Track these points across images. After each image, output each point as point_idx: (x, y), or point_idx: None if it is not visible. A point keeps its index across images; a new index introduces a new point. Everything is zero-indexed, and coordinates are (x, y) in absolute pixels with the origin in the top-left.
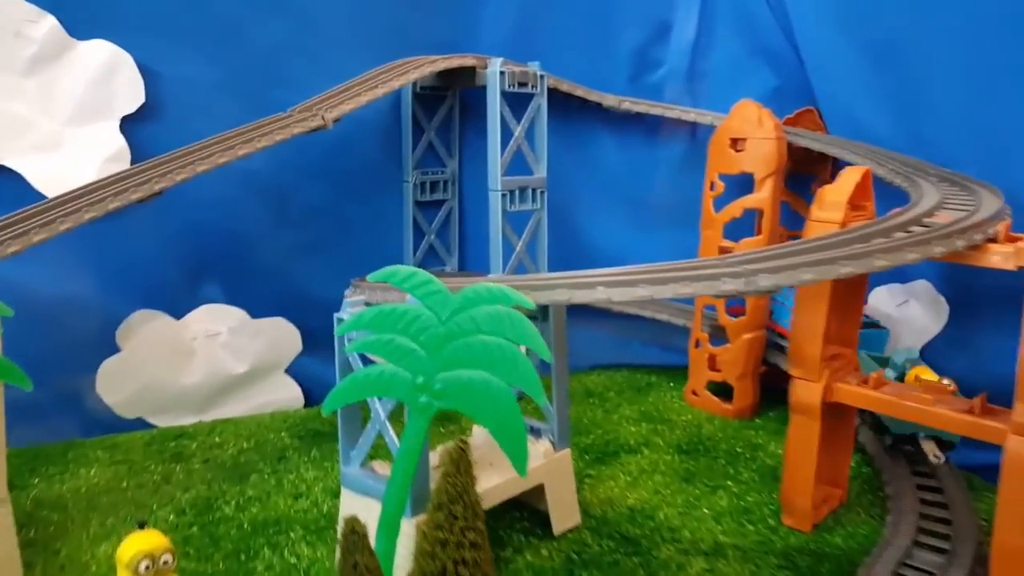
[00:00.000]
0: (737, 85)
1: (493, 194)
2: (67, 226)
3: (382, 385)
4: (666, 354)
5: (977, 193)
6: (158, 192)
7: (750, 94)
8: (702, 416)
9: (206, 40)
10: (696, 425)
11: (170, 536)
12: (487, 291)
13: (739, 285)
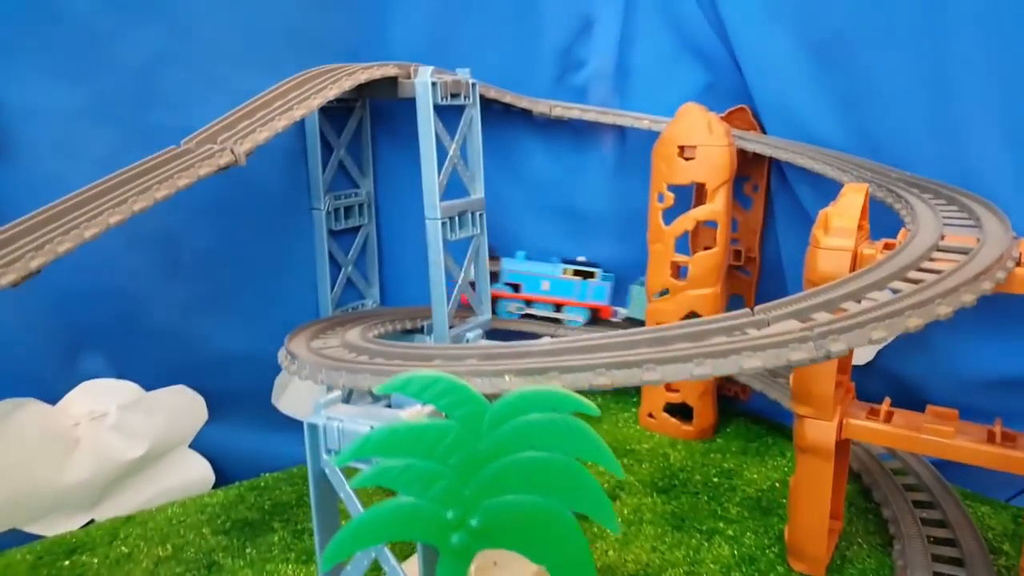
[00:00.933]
0: (665, 83)
1: (431, 223)
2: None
3: (402, 525)
4: None
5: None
6: (35, 271)
7: (679, 92)
8: (664, 442)
9: (62, 57)
10: (662, 454)
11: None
12: (535, 395)
13: (811, 352)
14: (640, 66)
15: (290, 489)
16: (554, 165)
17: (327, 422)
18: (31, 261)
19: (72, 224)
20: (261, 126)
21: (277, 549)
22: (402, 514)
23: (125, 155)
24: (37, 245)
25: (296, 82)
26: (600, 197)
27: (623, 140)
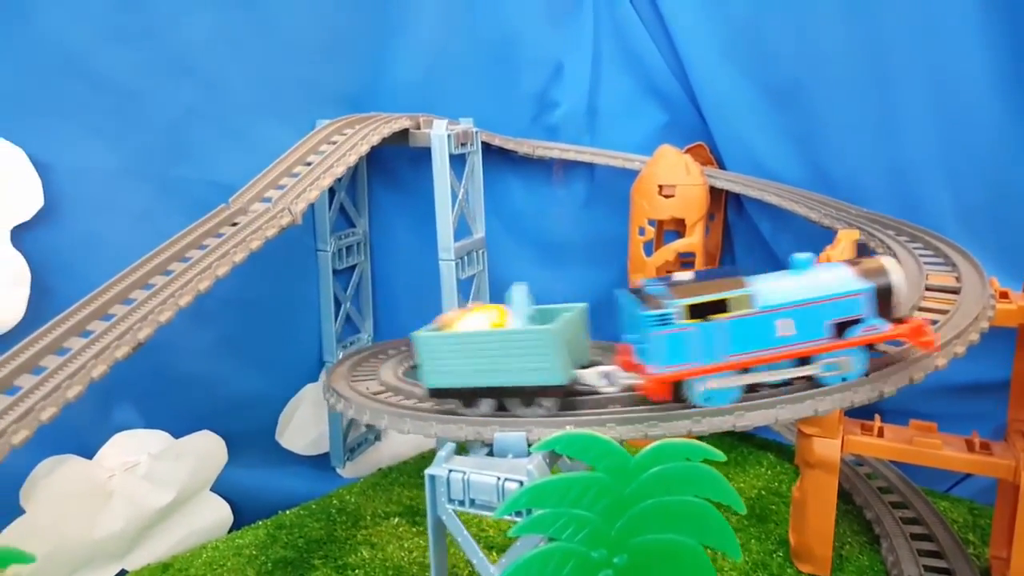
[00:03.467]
0: (629, 122)
1: (445, 264)
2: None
3: (555, 567)
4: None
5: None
6: (142, 343)
7: (641, 130)
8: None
9: (99, 117)
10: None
11: None
12: (672, 447)
13: (868, 393)
14: (605, 106)
15: (317, 525)
16: (529, 198)
17: (451, 474)
18: (138, 332)
19: (166, 293)
20: (310, 186)
21: None
22: (555, 557)
23: (159, 210)
24: (142, 316)
25: (322, 136)
26: (572, 227)
27: (592, 175)
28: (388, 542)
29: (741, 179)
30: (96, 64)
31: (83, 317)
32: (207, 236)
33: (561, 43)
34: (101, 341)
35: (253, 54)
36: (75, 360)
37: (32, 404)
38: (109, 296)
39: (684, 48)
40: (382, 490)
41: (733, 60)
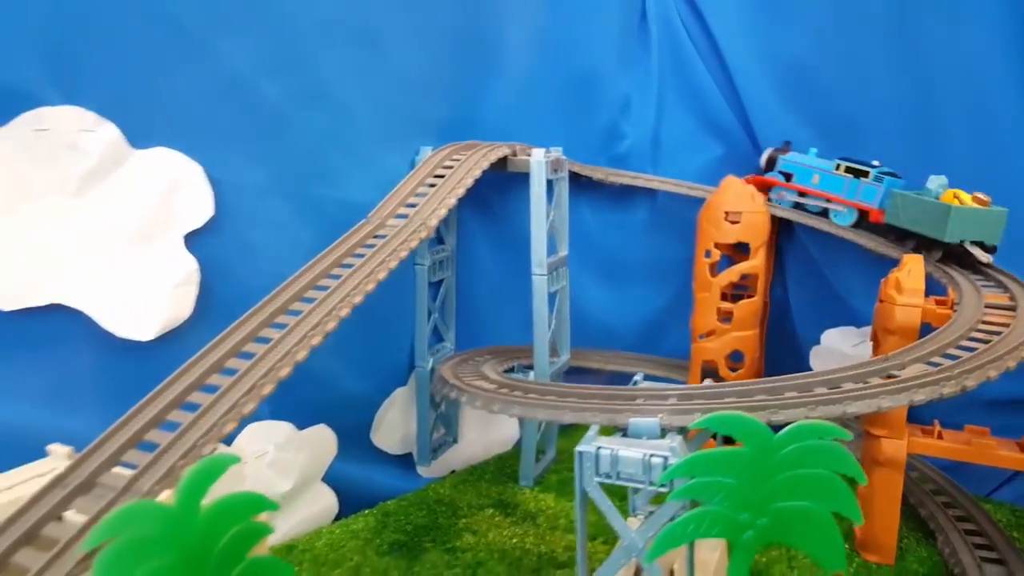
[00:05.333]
0: (689, 154)
1: (538, 278)
2: None
3: (706, 525)
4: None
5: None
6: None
7: (699, 161)
8: None
9: (254, 139)
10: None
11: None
12: (809, 427)
13: (953, 387)
14: (668, 138)
15: (420, 514)
16: (595, 220)
17: (599, 451)
18: (312, 339)
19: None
20: (439, 204)
21: (441, 565)
22: (707, 518)
23: (298, 224)
24: (311, 325)
25: (437, 161)
26: (634, 249)
27: (654, 202)
28: (488, 529)
29: (795, 210)
30: (254, 92)
31: (265, 318)
32: (358, 247)
33: (630, 81)
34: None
35: (375, 87)
36: (264, 361)
37: (236, 399)
38: (281, 302)
39: (742, 86)
40: (470, 485)
41: (788, 98)
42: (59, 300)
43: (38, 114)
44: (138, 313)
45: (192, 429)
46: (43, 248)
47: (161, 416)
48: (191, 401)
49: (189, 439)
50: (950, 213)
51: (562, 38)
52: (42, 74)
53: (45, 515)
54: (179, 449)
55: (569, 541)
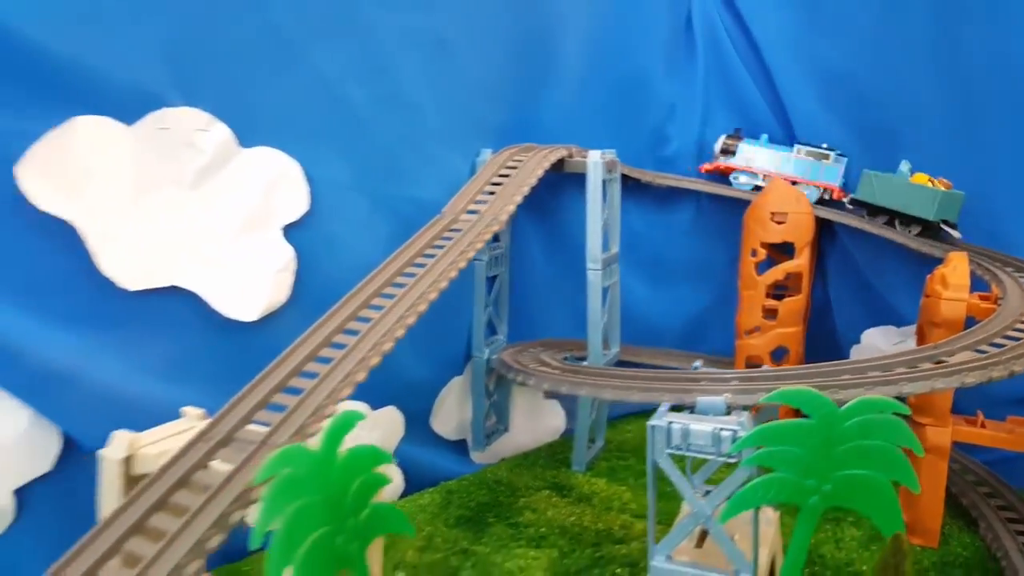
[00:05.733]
0: None
1: (593, 272)
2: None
3: (775, 490)
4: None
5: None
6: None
7: None
8: None
9: (341, 139)
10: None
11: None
12: (870, 402)
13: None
14: (712, 142)
15: (481, 492)
16: (641, 220)
17: (671, 425)
18: (396, 332)
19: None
20: (508, 201)
21: (506, 538)
22: (776, 483)
23: (374, 219)
24: (398, 316)
25: (501, 162)
26: (677, 249)
27: (697, 204)
28: (546, 508)
29: (840, 211)
30: (342, 96)
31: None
32: (436, 239)
33: (676, 88)
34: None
35: (444, 91)
36: (357, 350)
37: (334, 386)
38: (368, 293)
39: (784, 93)
40: (524, 469)
41: (829, 104)
42: (176, 283)
43: (162, 114)
44: (243, 296)
45: (314, 393)
46: (163, 235)
47: (284, 382)
48: (309, 370)
49: (312, 402)
50: (938, 196)
51: (613, 47)
52: (166, 78)
53: (194, 464)
54: (305, 410)
55: (624, 520)
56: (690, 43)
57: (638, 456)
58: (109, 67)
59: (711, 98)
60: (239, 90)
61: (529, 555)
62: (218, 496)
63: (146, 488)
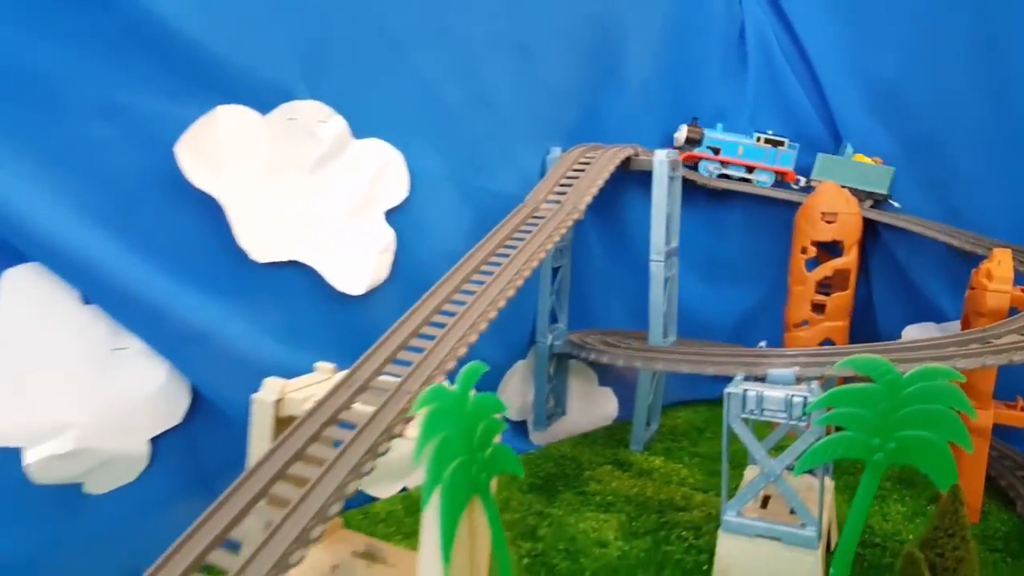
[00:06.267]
0: None
1: (656, 264)
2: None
3: (844, 447)
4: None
5: None
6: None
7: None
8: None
9: (435, 134)
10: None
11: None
12: (930, 371)
13: None
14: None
15: (548, 465)
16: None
17: (746, 392)
18: (489, 314)
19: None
20: (585, 192)
21: (576, 503)
22: (845, 441)
23: (461, 209)
24: (490, 300)
25: (573, 158)
26: (728, 247)
27: (747, 204)
28: (609, 480)
29: (885, 212)
30: (439, 95)
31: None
32: (523, 224)
33: (728, 93)
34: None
35: (523, 93)
36: (469, 313)
37: (452, 344)
38: (471, 267)
39: (833, 102)
40: (585, 447)
41: (875, 113)
42: (295, 257)
43: (291, 106)
44: (352, 272)
45: (434, 352)
46: (286, 214)
47: (406, 342)
48: (426, 333)
49: (435, 358)
50: (891, 173)
51: (672, 55)
52: (296, 73)
53: (340, 406)
54: (429, 365)
55: (684, 492)
56: (742, 53)
57: (691, 439)
58: (250, 62)
59: (760, 103)
60: (354, 86)
61: (599, 518)
62: (367, 430)
63: (300, 425)
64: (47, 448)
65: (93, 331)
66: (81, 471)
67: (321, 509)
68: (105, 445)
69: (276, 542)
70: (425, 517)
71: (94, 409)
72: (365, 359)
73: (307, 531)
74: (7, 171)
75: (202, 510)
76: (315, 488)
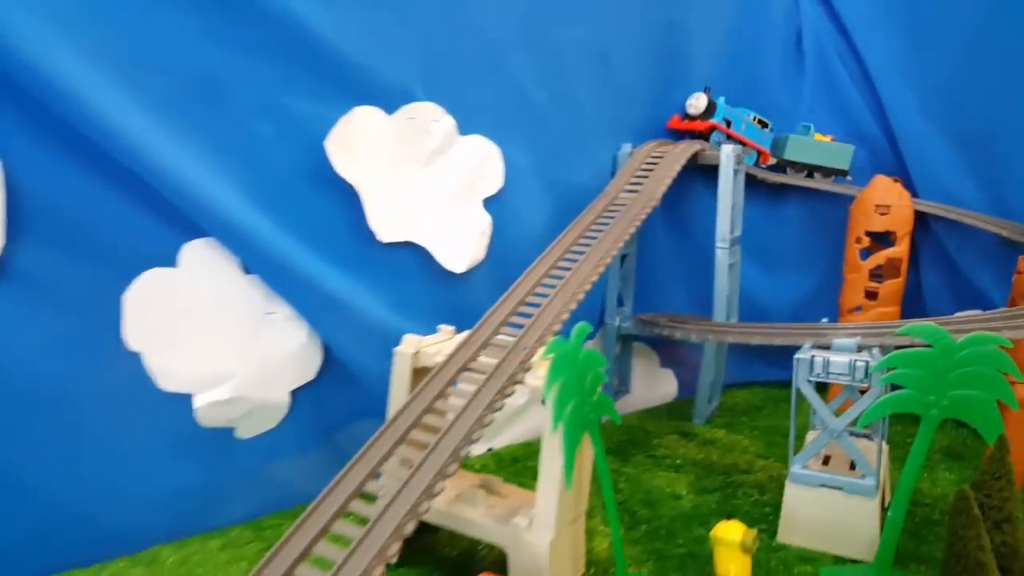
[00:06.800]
0: None
1: (721, 251)
2: None
3: (903, 403)
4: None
5: None
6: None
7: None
8: None
9: (525, 131)
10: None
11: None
12: (980, 337)
13: None
14: None
15: (618, 433)
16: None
17: (814, 358)
18: (578, 295)
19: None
20: (659, 183)
21: (648, 464)
22: (903, 398)
23: (543, 200)
24: (579, 280)
25: (645, 152)
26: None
27: (804, 199)
28: (676, 447)
29: (936, 205)
30: (528, 96)
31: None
32: (605, 211)
33: (787, 94)
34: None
35: (599, 93)
36: (569, 284)
37: (557, 309)
38: (566, 245)
39: (888, 102)
40: (650, 420)
41: (929, 113)
42: (411, 239)
43: (411, 107)
44: (456, 252)
45: (541, 316)
46: (405, 201)
47: (516, 308)
48: (532, 302)
49: (544, 320)
50: (852, 151)
51: (734, 58)
52: (416, 79)
53: (468, 358)
54: (540, 326)
55: (747, 458)
56: (800, 56)
57: (749, 415)
58: (381, 69)
59: (816, 105)
60: (461, 89)
61: (671, 476)
62: (493, 377)
63: (438, 372)
64: (211, 395)
65: (251, 297)
66: (235, 416)
67: (466, 434)
68: (255, 395)
69: (424, 471)
70: (548, 447)
71: (249, 363)
72: (483, 322)
73: (447, 465)
74: (190, 159)
75: (325, 457)
76: (457, 421)
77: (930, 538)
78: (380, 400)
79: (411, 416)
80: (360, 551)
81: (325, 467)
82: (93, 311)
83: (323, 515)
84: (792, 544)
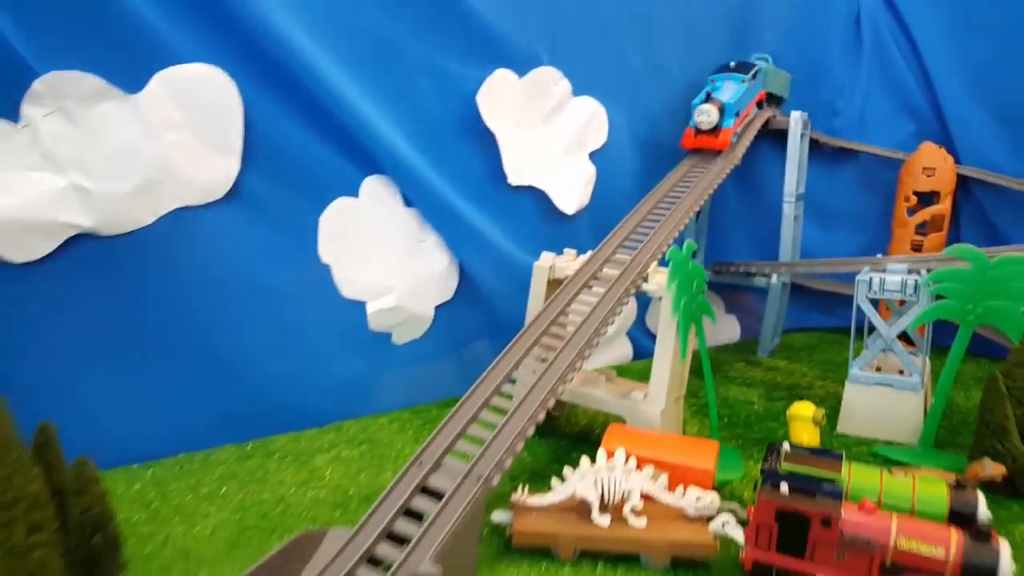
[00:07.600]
0: (887, 129)
1: (788, 204)
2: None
3: (946, 310)
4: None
5: None
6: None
7: (895, 135)
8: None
9: (624, 94)
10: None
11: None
12: (1011, 259)
13: None
14: (871, 117)
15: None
16: (811, 173)
17: (871, 278)
18: (663, 247)
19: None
20: (740, 144)
21: (723, 382)
22: (946, 306)
23: (636, 154)
24: (664, 235)
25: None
26: (841, 198)
27: (857, 163)
28: (745, 371)
29: (976, 170)
30: (630, 65)
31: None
32: (694, 167)
33: (845, 71)
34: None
35: (686, 65)
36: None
37: (661, 238)
38: (662, 193)
39: (936, 78)
40: (719, 354)
41: (973, 88)
42: (534, 183)
43: (537, 71)
44: (568, 196)
45: (648, 243)
46: (531, 150)
47: (628, 236)
48: (641, 231)
49: (651, 246)
50: (789, 79)
51: (800, 37)
52: (542, 47)
53: (594, 271)
54: (649, 248)
55: (807, 380)
56: (858, 37)
57: (807, 352)
58: (518, 38)
59: (872, 82)
60: (576, 56)
61: (744, 389)
62: (616, 284)
63: (573, 278)
64: (380, 303)
65: (409, 226)
66: (394, 323)
67: (595, 329)
68: (410, 306)
69: (561, 358)
70: (663, 337)
71: (406, 280)
72: (602, 245)
73: (581, 353)
74: (370, 108)
75: (452, 368)
76: (588, 318)
77: (964, 432)
78: (500, 321)
79: (548, 317)
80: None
81: (452, 376)
82: (298, 229)
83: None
84: (849, 433)
